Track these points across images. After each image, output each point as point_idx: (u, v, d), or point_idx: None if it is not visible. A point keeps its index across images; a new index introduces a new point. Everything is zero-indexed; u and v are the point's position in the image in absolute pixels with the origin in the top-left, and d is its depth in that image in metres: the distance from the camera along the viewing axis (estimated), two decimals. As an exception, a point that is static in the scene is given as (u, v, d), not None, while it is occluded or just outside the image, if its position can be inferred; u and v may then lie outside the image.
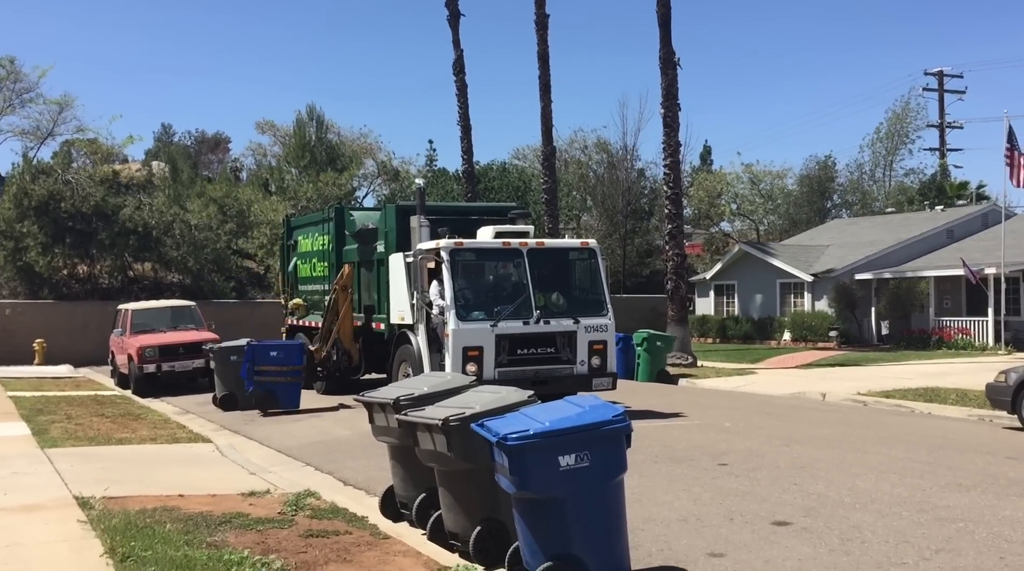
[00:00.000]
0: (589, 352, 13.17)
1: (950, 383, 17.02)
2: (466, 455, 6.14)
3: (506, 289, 13.69)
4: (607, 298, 13.72)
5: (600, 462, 5.54)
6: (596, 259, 13.86)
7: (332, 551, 6.47)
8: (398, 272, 14.61)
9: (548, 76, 29.82)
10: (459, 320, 12.57)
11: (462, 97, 32.02)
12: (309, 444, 11.86)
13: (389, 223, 15.58)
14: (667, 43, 25.60)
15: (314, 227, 19.44)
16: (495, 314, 12.83)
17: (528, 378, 12.30)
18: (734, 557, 6.48)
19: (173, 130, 71.71)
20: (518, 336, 12.78)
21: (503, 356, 12.68)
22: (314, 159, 38.20)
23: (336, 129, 42.79)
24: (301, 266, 20.02)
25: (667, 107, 25.65)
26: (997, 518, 7.43)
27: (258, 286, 32.89)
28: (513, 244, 13.33)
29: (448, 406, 6.56)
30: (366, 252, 16.53)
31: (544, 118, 29.89)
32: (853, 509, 7.75)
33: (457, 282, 12.84)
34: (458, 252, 13.04)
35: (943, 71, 47.29)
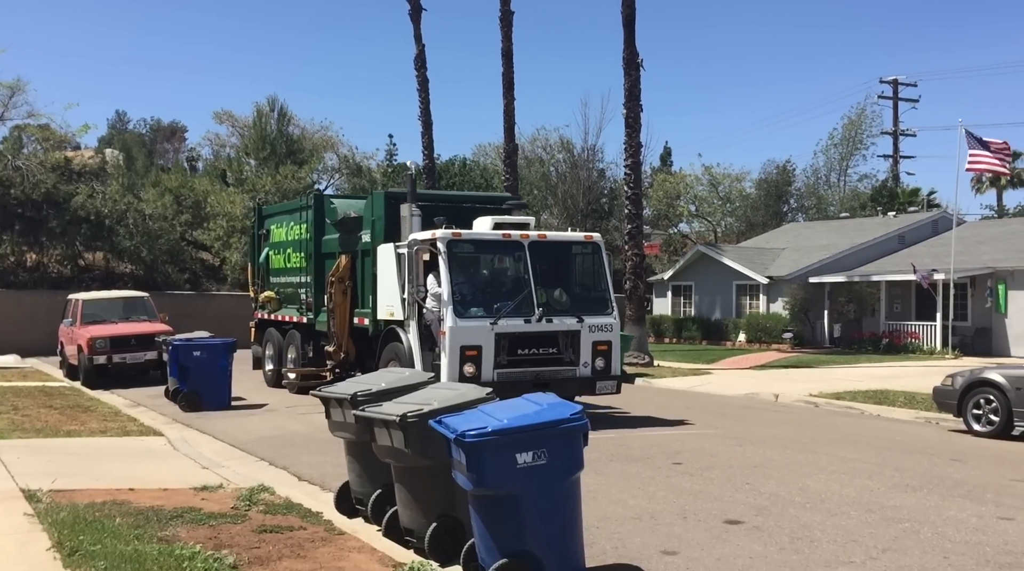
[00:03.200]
0: (593, 353, 12.37)
1: (899, 386, 17.38)
2: (424, 451, 6.13)
3: (505, 285, 12.86)
4: (612, 296, 13.06)
5: (557, 460, 5.56)
6: (600, 254, 13.13)
7: (286, 547, 6.41)
8: (387, 264, 13.51)
9: (512, 73, 29.80)
10: (457, 317, 11.69)
11: (423, 92, 31.89)
12: (264, 439, 11.75)
13: (376, 211, 14.41)
14: (631, 44, 25.73)
15: (289, 216, 18.30)
16: (495, 311, 11.97)
17: (529, 380, 11.61)
18: (687, 555, 6.55)
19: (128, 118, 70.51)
20: (519, 335, 11.95)
21: (502, 356, 11.87)
22: (274, 151, 37.80)
23: (297, 121, 42.39)
24: (274, 257, 18.85)
25: (629, 108, 25.79)
26: (942, 518, 7.62)
27: (214, 278, 32.47)
28: (514, 236, 12.49)
29: (406, 402, 6.54)
30: (349, 242, 15.35)
31: (507, 115, 29.88)
32: (803, 508, 7.88)
33: (454, 276, 11.96)
34: (456, 243, 12.12)
35: (898, 79, 48.21)
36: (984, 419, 12.46)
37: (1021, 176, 47.96)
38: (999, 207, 48.31)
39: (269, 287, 18.76)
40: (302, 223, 17.25)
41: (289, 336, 17.35)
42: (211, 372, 14.73)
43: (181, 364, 14.72)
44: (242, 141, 42.03)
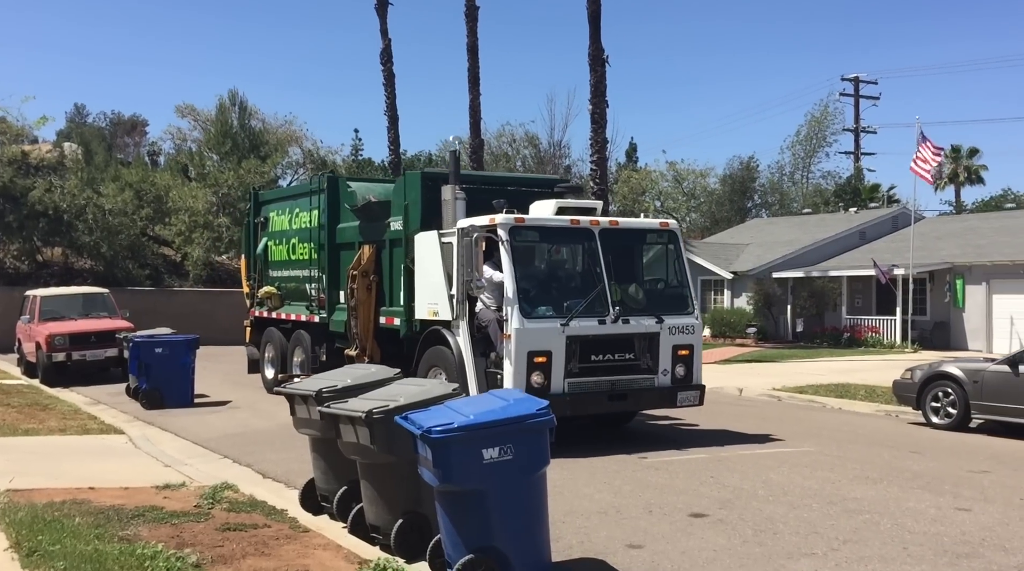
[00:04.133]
0: (673, 359, 10.71)
1: (860, 379, 17.64)
2: (389, 448, 6.11)
3: (574, 279, 11.30)
4: (692, 292, 11.45)
5: (523, 455, 5.57)
6: (678, 243, 11.46)
7: (250, 544, 6.36)
8: (428, 255, 11.44)
9: (477, 68, 29.78)
10: (524, 317, 9.98)
11: (389, 87, 31.77)
12: (227, 436, 11.63)
13: (411, 195, 12.19)
14: (596, 40, 25.83)
15: (293, 201, 16.13)
16: (565, 310, 10.29)
17: (603, 391, 10.31)
18: (652, 548, 6.60)
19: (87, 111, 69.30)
20: (593, 339, 10.28)
21: (574, 363, 10.17)
22: (236, 145, 37.36)
23: (260, 115, 41.93)
24: (274, 248, 16.71)
25: (595, 104, 25.90)
26: (901, 510, 7.75)
27: (176, 274, 32.04)
28: (583, 222, 10.73)
29: (372, 398, 6.51)
30: (372, 230, 13.17)
31: (472, 110, 29.86)
32: (766, 501, 7.97)
33: (518, 269, 10.25)
34: (518, 231, 10.39)
35: (859, 77, 48.87)
36: (942, 412, 12.68)
37: (978, 173, 48.92)
38: (957, 203, 49.23)
39: (268, 281, 16.78)
40: (312, 210, 15.07)
41: (295, 337, 15.40)
42: (173, 369, 14.55)
43: (142, 361, 14.52)
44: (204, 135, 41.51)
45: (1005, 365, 12.15)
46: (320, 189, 14.76)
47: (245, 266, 18.00)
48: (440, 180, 11.92)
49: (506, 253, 10.22)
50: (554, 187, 12.54)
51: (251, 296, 17.26)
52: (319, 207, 14.77)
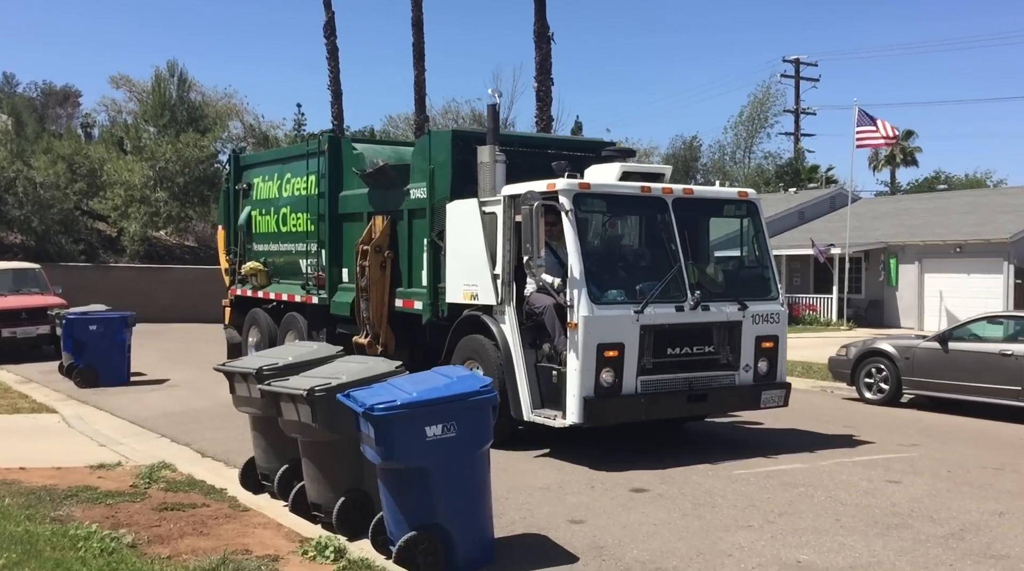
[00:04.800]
0: (756, 352, 9.24)
1: (797, 356, 18.02)
2: (331, 426, 6.06)
3: (644, 258, 9.62)
4: (775, 274, 9.85)
5: (467, 432, 5.57)
6: (758, 216, 9.87)
7: (188, 524, 6.26)
8: (465, 228, 9.70)
9: (422, 44, 29.49)
10: (593, 302, 8.38)
11: (333, 61, 31.28)
12: (165, 415, 11.42)
13: (438, 156, 10.40)
14: (541, 17, 25.76)
15: (283, 165, 14.11)
16: (637, 295, 8.71)
17: (681, 390, 8.84)
18: (593, 523, 6.67)
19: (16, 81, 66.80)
20: (670, 328, 8.73)
21: (647, 358, 8.62)
22: (174, 118, 36.40)
23: (199, 88, 40.89)
24: (259, 218, 14.70)
25: (540, 81, 25.89)
26: (834, 482, 7.96)
27: (111, 250, 31.25)
28: (654, 190, 9.15)
29: (314, 376, 6.45)
30: (386, 199, 11.35)
31: (417, 86, 29.59)
32: (706, 476, 8.11)
33: (584, 244, 8.68)
34: (583, 199, 8.76)
35: (800, 59, 49.61)
36: (875, 387, 13.05)
37: (913, 155, 50.17)
38: (892, 184, 50.46)
39: (253, 256, 14.79)
40: (308, 175, 13.03)
41: (288, 321, 13.49)
42: (108, 347, 14.21)
43: (76, 339, 14.15)
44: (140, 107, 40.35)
45: (935, 342, 12.54)
46: (319, 151, 12.72)
47: (223, 238, 15.83)
48: (473, 140, 10.20)
49: (570, 225, 8.55)
50: (601, 151, 10.59)
51: (231, 272, 15.30)
52: (318, 172, 12.74)
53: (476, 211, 9.56)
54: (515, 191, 9.03)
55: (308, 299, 12.95)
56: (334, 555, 5.54)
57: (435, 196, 10.35)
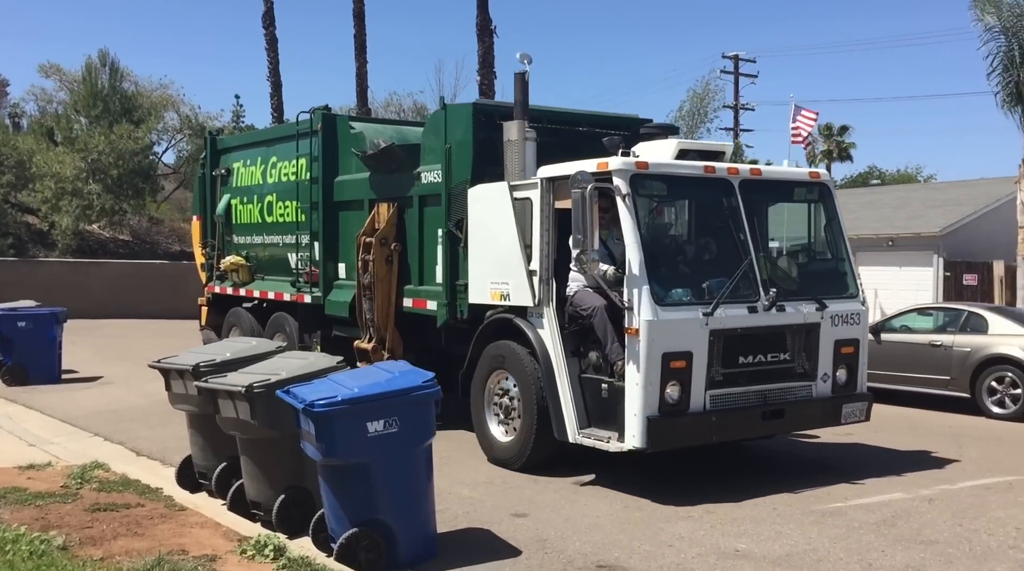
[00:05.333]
0: (835, 359, 8.01)
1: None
2: (271, 423, 5.96)
3: (709, 249, 8.20)
4: (853, 267, 8.59)
5: (409, 428, 5.53)
6: (831, 200, 8.58)
7: (121, 525, 6.10)
8: (495, 217, 8.38)
9: (364, 35, 29.23)
10: (657, 304, 7.09)
11: (272, 51, 30.81)
12: (99, 413, 11.12)
13: (456, 134, 9.08)
14: (484, 10, 25.74)
15: (268, 148, 12.63)
16: (704, 293, 7.46)
17: (755, 406, 7.58)
18: (536, 516, 6.69)
19: (-60, 68, 64.34)
20: (743, 333, 7.48)
21: (716, 368, 7.35)
22: (107, 109, 35.43)
23: (133, 78, 39.83)
24: (240, 207, 13.22)
25: (483, 75, 25.88)
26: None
27: (41, 244, 30.30)
28: (719, 170, 7.87)
29: (253, 372, 6.34)
30: (391, 185, 10.00)
31: (359, 78, 29.31)
32: (648, 466, 8.18)
33: (644, 234, 7.38)
34: (642, 181, 7.43)
35: (739, 55, 50.36)
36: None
37: (848, 150, 51.40)
38: (828, 180, 51.50)
39: (233, 249, 13.32)
40: (298, 158, 11.58)
41: (275, 321, 12.17)
42: (38, 343, 13.77)
43: (4, 335, 13.68)
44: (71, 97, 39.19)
45: (868, 334, 12.82)
46: (311, 131, 11.22)
47: (199, 230, 14.33)
48: (496, 115, 8.98)
49: (628, 212, 7.23)
50: (639, 129, 9.25)
51: (209, 267, 13.85)
52: (309, 154, 11.29)
53: (507, 197, 8.23)
54: (555, 173, 7.79)
55: (299, 298, 11.53)
56: (273, 554, 5.46)
57: (452, 180, 9.06)
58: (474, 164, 8.88)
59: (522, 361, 7.98)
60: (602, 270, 7.32)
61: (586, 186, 7.04)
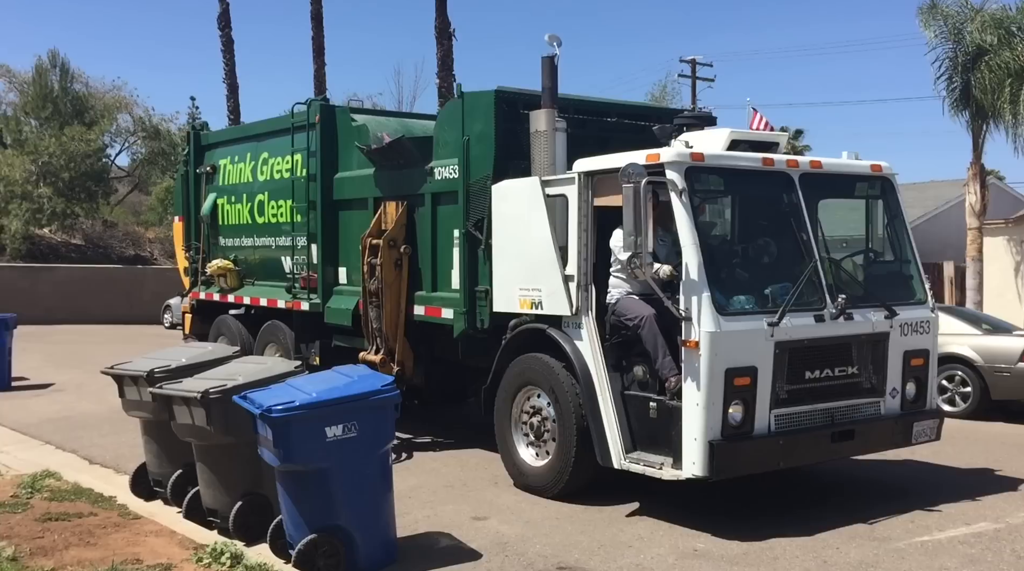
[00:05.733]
0: (904, 372, 7.29)
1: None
2: (227, 429, 5.89)
3: (766, 250, 7.35)
4: (920, 270, 7.86)
5: (368, 432, 5.50)
6: (895, 195, 7.86)
7: (73, 535, 5.98)
8: (524, 216, 7.62)
9: (322, 37, 29.02)
10: (719, 313, 6.32)
11: (228, 53, 30.43)
12: (50, 421, 10.89)
13: (476, 125, 8.27)
14: (443, 12, 25.72)
15: (259, 143, 11.67)
16: (767, 301, 6.74)
17: (823, 426, 6.82)
18: (498, 519, 6.69)
19: None
20: (809, 345, 6.72)
21: (781, 384, 6.57)
22: (58, 110, 34.78)
23: (84, 79, 39.15)
24: (228, 207, 12.25)
25: (442, 78, 25.81)
26: None
27: (-11, 248, 29.64)
28: (778, 163, 7.11)
29: (209, 378, 6.26)
30: (401, 181, 9.18)
31: (317, 81, 29.08)
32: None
33: (701, 233, 6.62)
34: (697, 174, 6.67)
35: (696, 59, 50.91)
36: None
37: (803, 153, 52.21)
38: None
39: (220, 253, 12.36)
40: (293, 153, 10.65)
41: (268, 330, 11.24)
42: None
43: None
44: (21, 98, 38.39)
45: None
46: (307, 124, 10.32)
47: (182, 231, 13.30)
48: (520, 103, 8.21)
49: (684, 209, 6.46)
50: (673, 119, 8.50)
51: (193, 272, 12.88)
52: (307, 149, 10.38)
53: (539, 193, 7.42)
54: (595, 166, 7.06)
55: (295, 305, 10.54)
56: (230, 561, 5.39)
57: (472, 175, 8.25)
58: (496, 158, 8.07)
59: (557, 376, 7.16)
60: (660, 274, 6.49)
61: (640, 180, 6.24)
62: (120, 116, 39.13)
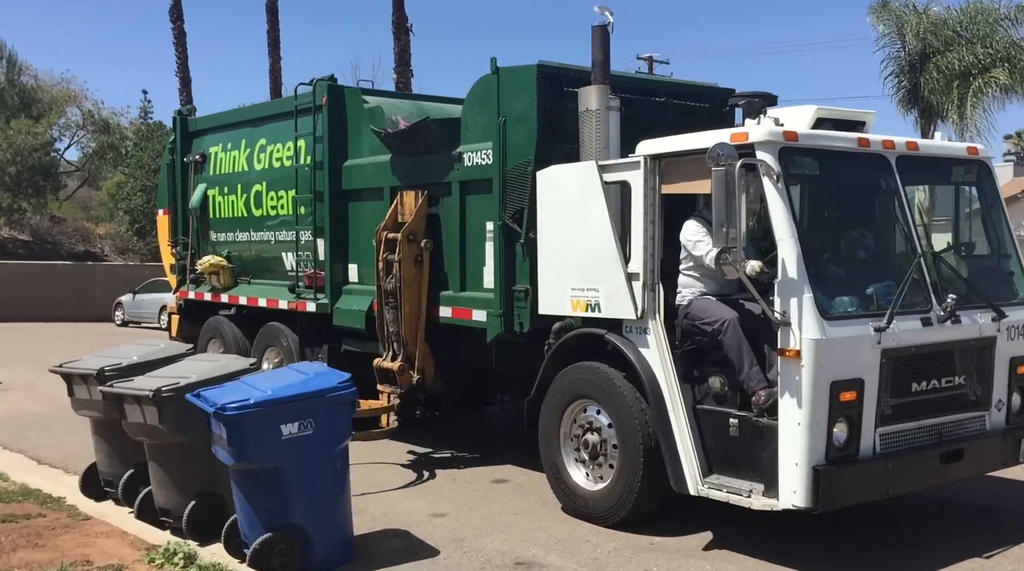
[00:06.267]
0: (1010, 381, 6.47)
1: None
2: (180, 427, 5.81)
3: (864, 244, 6.47)
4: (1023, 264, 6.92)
5: (324, 430, 5.47)
6: (992, 181, 7.00)
7: (21, 537, 5.85)
8: (577, 206, 6.68)
9: (277, 31, 28.78)
10: (823, 317, 5.50)
11: (180, 46, 30.03)
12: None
13: (515, 104, 7.38)
14: (400, 7, 25.63)
15: (256, 128, 10.64)
16: (871, 302, 5.91)
17: (930, 445, 5.99)
18: (455, 515, 6.69)
19: None
20: (916, 353, 5.90)
21: (885, 399, 5.76)
22: (4, 103, 34.00)
23: (32, 71, 38.33)
24: (220, 199, 11.19)
25: (400, 73, 25.72)
26: None
27: (-67, 244, 28.91)
28: (873, 144, 6.24)
29: (161, 376, 6.17)
30: (423, 169, 8.29)
31: (273, 75, 28.81)
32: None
33: (799, 223, 5.82)
34: (791, 156, 5.83)
35: (652, 57, 51.27)
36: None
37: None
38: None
39: (211, 248, 11.40)
40: (297, 139, 9.69)
41: (267, 333, 10.27)
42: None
43: None
44: (-35, 90, 37.47)
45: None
46: (313, 106, 9.35)
47: (168, 225, 12.25)
48: (564, 80, 7.43)
49: (780, 195, 5.65)
50: (728, 99, 7.93)
51: (180, 269, 11.86)
52: (312, 134, 9.38)
53: (596, 180, 6.51)
54: (664, 148, 6.21)
55: (299, 305, 9.59)
56: (184, 561, 5.32)
57: (509, 161, 7.38)
58: (538, 141, 7.19)
59: (618, 389, 6.31)
60: (750, 270, 5.67)
61: (732, 163, 5.44)
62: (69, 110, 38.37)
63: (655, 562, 5.75)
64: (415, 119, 8.43)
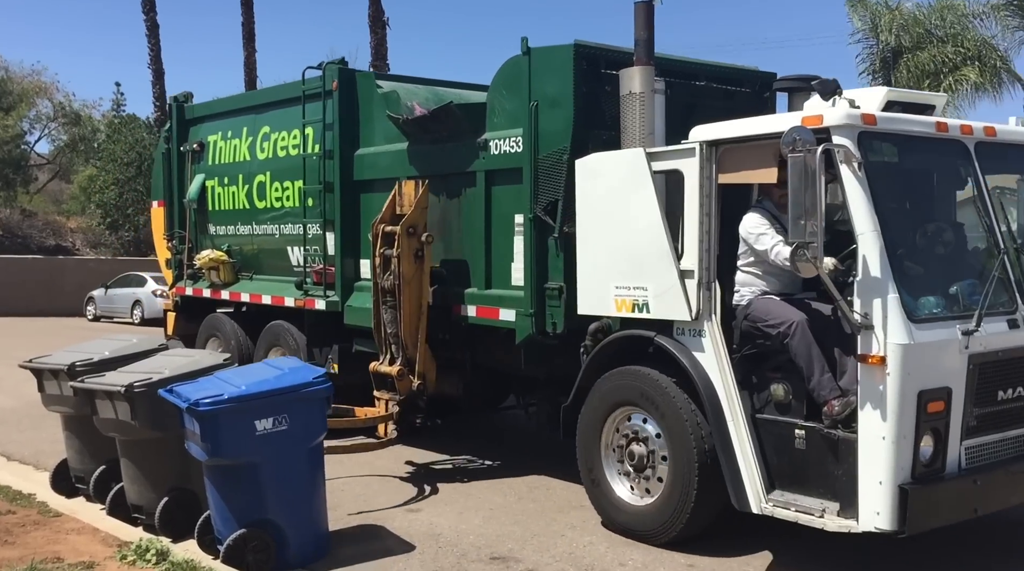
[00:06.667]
0: None
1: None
2: (153, 423, 5.76)
3: (942, 238, 5.87)
4: None
5: (299, 425, 5.45)
6: None
7: (-10, 535, 5.79)
8: (623, 197, 6.16)
9: (252, 23, 28.57)
10: (910, 319, 5.02)
11: (153, 38, 29.73)
12: (-36, 417, 10.50)
13: (550, 87, 6.84)
14: (376, 1, 25.52)
15: (258, 115, 10.08)
16: (956, 302, 5.43)
17: (1016, 458, 5.53)
18: (431, 511, 6.68)
19: None
20: (1004, 358, 5.44)
21: (971, 409, 5.29)
22: (-27, 94, 33.53)
23: (3, 63, 37.82)
24: (219, 190, 10.65)
25: (377, 66, 25.62)
26: None
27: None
28: (952, 129, 5.73)
29: (133, 371, 6.12)
30: (442, 157, 7.82)
31: (247, 68, 28.61)
32: (539, 460, 8.26)
33: (881, 215, 5.19)
34: (870, 141, 5.31)
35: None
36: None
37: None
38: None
39: (209, 242, 10.83)
40: (306, 125, 9.12)
41: (271, 333, 9.69)
42: None
43: None
44: (-67, 81, 36.87)
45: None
46: (323, 91, 8.80)
47: (163, 218, 11.61)
48: (603, 62, 6.91)
49: (860, 184, 5.14)
50: (772, 84, 7.64)
51: (177, 264, 11.28)
52: (322, 121, 8.83)
53: (644, 169, 5.97)
54: (721, 134, 5.69)
55: (308, 303, 9.06)
56: (156, 558, 5.28)
57: (542, 149, 6.84)
58: (575, 127, 6.67)
59: (668, 395, 5.80)
60: (828, 267, 5.13)
61: (811, 148, 4.93)
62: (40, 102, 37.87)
63: (631, 555, 5.77)
64: (431, 105, 7.83)
